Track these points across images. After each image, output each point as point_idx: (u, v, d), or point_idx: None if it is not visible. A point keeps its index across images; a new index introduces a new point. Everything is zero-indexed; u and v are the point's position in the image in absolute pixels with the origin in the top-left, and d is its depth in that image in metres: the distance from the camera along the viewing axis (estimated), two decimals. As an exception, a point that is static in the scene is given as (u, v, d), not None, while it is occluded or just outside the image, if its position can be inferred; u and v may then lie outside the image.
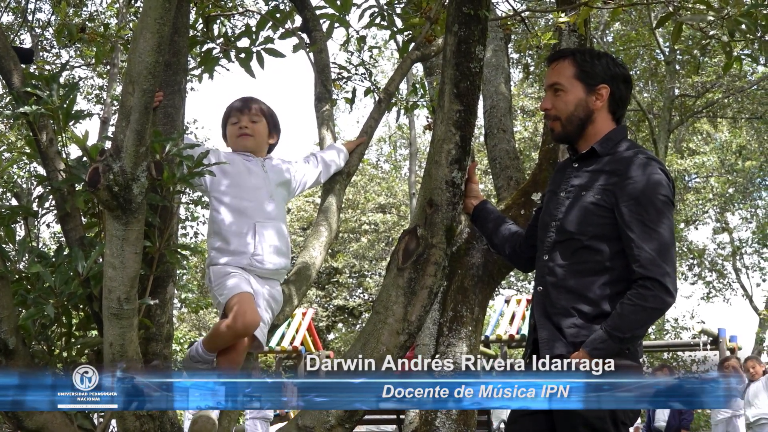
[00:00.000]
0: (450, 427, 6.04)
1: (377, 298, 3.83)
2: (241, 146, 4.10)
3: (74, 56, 23.51)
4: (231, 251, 3.86)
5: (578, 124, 3.69)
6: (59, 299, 3.43)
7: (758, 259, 37.80)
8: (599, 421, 3.45)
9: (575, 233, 3.56)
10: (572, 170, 3.71)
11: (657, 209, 3.47)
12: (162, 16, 2.89)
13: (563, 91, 3.70)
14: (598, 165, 3.64)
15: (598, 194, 3.56)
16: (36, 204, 3.79)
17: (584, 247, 3.54)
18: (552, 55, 3.85)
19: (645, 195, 3.48)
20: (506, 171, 6.78)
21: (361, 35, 5.69)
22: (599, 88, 3.69)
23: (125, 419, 3.39)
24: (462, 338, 6.25)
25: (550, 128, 3.78)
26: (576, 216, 3.58)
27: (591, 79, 3.69)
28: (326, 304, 34.56)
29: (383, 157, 40.61)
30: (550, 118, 3.74)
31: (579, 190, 3.62)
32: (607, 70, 3.72)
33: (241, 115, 4.12)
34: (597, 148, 3.67)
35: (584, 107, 3.69)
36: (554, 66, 3.76)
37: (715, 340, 17.24)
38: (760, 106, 27.91)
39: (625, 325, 3.39)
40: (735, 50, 5.01)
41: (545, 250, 3.66)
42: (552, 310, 3.58)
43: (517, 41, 17.19)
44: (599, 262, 3.53)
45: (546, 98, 3.75)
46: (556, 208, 3.68)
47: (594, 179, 3.61)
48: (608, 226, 3.53)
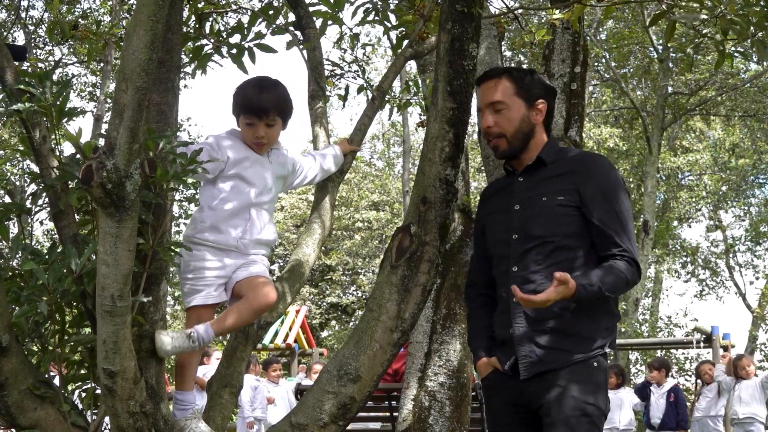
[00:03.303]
0: (443, 424, 6.05)
1: (371, 295, 3.83)
2: (257, 150, 4.02)
3: (67, 53, 23.49)
4: (221, 230, 3.84)
5: (522, 139, 3.82)
6: (52, 296, 3.43)
7: (751, 257, 37.91)
8: (590, 407, 3.57)
9: (546, 236, 3.67)
10: (520, 184, 3.82)
11: (621, 199, 3.69)
12: (155, 14, 2.88)
13: (506, 108, 3.80)
14: (548, 172, 3.79)
15: (560, 195, 3.70)
16: (29, 201, 3.78)
17: (558, 247, 3.66)
18: (485, 75, 3.90)
19: (606, 187, 3.69)
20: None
21: (354, 32, 5.69)
22: (538, 104, 3.85)
23: (118, 416, 3.38)
24: (455, 336, 6.26)
25: (494, 146, 3.84)
26: (543, 220, 3.69)
27: (530, 96, 3.83)
28: (320, 301, 34.56)
29: (377, 155, 40.63)
30: (494, 135, 3.81)
31: (537, 198, 3.74)
32: (542, 85, 3.90)
33: (258, 120, 3.96)
34: (544, 157, 3.80)
35: (527, 122, 3.82)
36: (491, 84, 3.83)
37: (708, 337, 17.24)
38: (753, 103, 27.96)
39: (612, 285, 3.57)
40: (727, 47, 5.02)
41: (513, 261, 3.72)
42: (536, 316, 3.61)
43: (511, 39, 17.22)
44: (574, 259, 3.66)
45: (485, 116, 3.82)
46: (510, 221, 3.76)
47: (551, 184, 3.74)
48: (576, 224, 3.68)
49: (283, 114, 4.04)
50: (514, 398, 3.69)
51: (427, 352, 6.25)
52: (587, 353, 3.60)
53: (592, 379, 3.60)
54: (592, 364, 3.61)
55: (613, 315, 3.73)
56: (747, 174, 34.16)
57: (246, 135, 3.99)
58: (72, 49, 22.74)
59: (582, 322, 3.62)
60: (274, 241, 4.04)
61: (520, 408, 3.68)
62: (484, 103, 3.82)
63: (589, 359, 3.61)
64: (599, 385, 3.63)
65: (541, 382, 3.60)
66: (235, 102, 4.07)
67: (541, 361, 3.60)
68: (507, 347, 3.72)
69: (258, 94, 4.00)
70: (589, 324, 3.64)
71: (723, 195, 35.27)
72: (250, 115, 3.96)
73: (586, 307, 3.61)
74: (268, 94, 4.00)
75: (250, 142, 3.99)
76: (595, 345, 3.63)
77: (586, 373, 3.60)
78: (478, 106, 3.89)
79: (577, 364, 3.59)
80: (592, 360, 3.62)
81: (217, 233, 3.84)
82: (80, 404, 3.77)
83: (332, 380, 3.72)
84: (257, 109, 3.96)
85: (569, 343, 3.60)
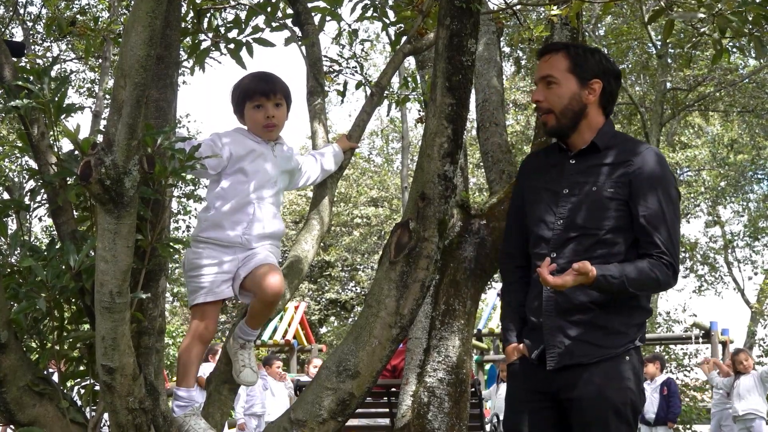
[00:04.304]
0: (442, 420, 6.04)
1: (369, 291, 3.83)
2: (266, 137, 4.04)
3: (66, 50, 23.49)
4: (223, 227, 3.85)
5: (572, 118, 3.71)
6: (51, 293, 3.43)
7: (750, 253, 37.96)
8: (623, 407, 3.53)
9: (591, 228, 3.58)
10: (571, 166, 3.72)
11: (670, 201, 3.59)
12: (154, 9, 2.88)
13: (556, 84, 3.71)
14: (601, 159, 3.69)
15: (611, 187, 3.61)
16: (28, 198, 3.78)
17: (600, 241, 3.56)
18: (544, 48, 3.85)
19: (660, 187, 3.59)
20: (498, 164, 6.77)
21: (353, 28, 5.68)
22: (592, 83, 3.73)
23: (117, 413, 3.38)
24: (454, 332, 6.26)
25: (543, 121, 3.79)
26: (590, 211, 3.61)
27: (584, 74, 3.73)
28: (318, 297, 34.58)
29: (375, 151, 40.63)
30: (543, 110, 3.74)
31: (588, 185, 3.65)
32: (600, 65, 3.76)
33: (267, 100, 4.01)
34: (597, 142, 3.69)
35: (578, 101, 3.71)
36: (546, 58, 3.77)
37: (707, 333, 17.27)
38: (751, 99, 27.98)
39: (638, 283, 3.49)
40: (725, 44, 5.02)
41: (552, 247, 3.66)
42: (568, 306, 3.57)
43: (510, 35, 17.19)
44: (615, 255, 3.57)
45: (538, 90, 3.76)
46: (556, 204, 3.68)
47: (602, 173, 3.65)
48: (623, 219, 3.59)
49: (287, 97, 4.11)
50: (541, 386, 3.65)
51: (426, 348, 6.24)
52: (618, 348, 3.55)
53: (625, 375, 3.55)
54: (624, 359, 3.57)
55: (644, 310, 3.67)
56: (745, 169, 34.18)
57: (255, 120, 4.01)
58: (70, 45, 22.74)
59: (613, 316, 3.57)
60: (281, 233, 4.04)
61: (545, 396, 3.64)
62: (538, 76, 3.77)
63: (621, 355, 3.56)
64: (633, 381, 3.57)
65: (571, 375, 3.56)
66: (236, 95, 4.10)
67: (571, 353, 3.55)
68: (537, 334, 3.67)
69: (262, 79, 4.08)
70: (619, 318, 3.58)
71: (721, 190, 35.28)
72: (258, 97, 4.01)
73: (618, 303, 3.56)
74: (273, 79, 4.09)
75: (261, 125, 4.02)
76: (627, 340, 3.58)
77: (620, 370, 3.55)
78: (535, 80, 3.85)
79: (609, 360, 3.54)
80: (624, 355, 3.57)
81: (220, 230, 3.85)
82: (79, 401, 3.77)
83: (331, 376, 3.72)
84: (264, 90, 4.02)
85: (600, 336, 3.55)
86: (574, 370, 3.55)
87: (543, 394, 3.64)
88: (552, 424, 3.66)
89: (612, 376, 3.53)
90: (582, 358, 3.54)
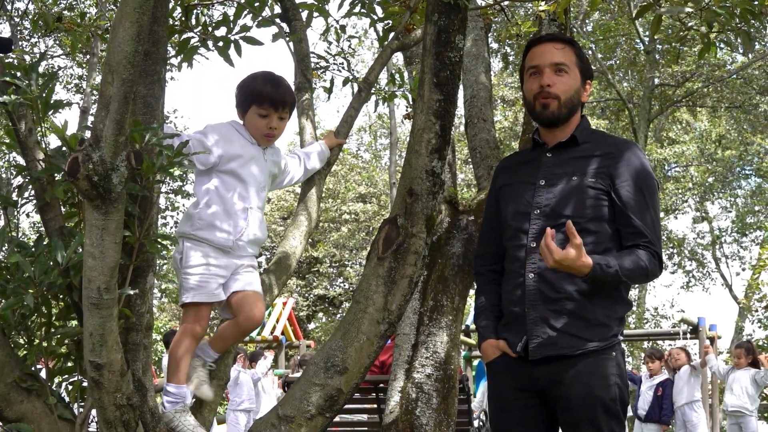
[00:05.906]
0: (430, 416, 6.05)
1: (357, 287, 3.83)
2: (263, 143, 4.04)
3: (53, 46, 23.42)
4: (216, 230, 3.85)
5: (570, 109, 3.75)
6: (39, 289, 3.42)
7: (738, 249, 38.09)
8: (612, 403, 3.53)
9: (573, 217, 3.56)
10: (548, 159, 3.74)
11: (652, 191, 3.65)
12: (141, 5, 2.88)
13: (567, 74, 3.73)
14: (579, 152, 3.72)
15: (592, 177, 3.63)
16: (15, 194, 3.77)
17: (583, 229, 3.55)
18: (553, 36, 3.86)
19: (641, 178, 3.63)
20: (486, 160, 6.78)
21: (340, 24, 5.68)
22: (588, 83, 3.82)
23: (105, 409, 3.38)
24: (442, 327, 6.27)
25: (544, 104, 3.73)
26: (571, 200, 3.62)
27: (586, 72, 3.81)
28: (306, 293, 34.56)
29: (363, 147, 40.62)
30: (551, 95, 3.71)
31: (567, 176, 3.67)
32: (591, 69, 3.84)
33: (274, 111, 4.00)
34: (578, 136, 3.72)
35: (578, 96, 3.77)
36: (560, 47, 3.76)
37: (694, 329, 17.28)
38: (739, 95, 28.09)
39: (630, 273, 3.52)
40: (712, 38, 5.04)
41: (531, 237, 3.65)
42: (552, 296, 3.58)
43: (497, 31, 17.22)
44: (599, 243, 3.58)
45: (547, 75, 3.71)
46: (533, 195, 3.69)
47: (582, 165, 3.67)
48: (604, 208, 3.61)
49: (292, 109, 4.13)
50: (524, 384, 3.63)
51: (414, 344, 6.25)
52: (602, 342, 3.54)
53: (612, 372, 3.55)
54: (610, 355, 3.57)
55: (625, 303, 3.68)
56: (733, 165, 34.31)
57: (257, 126, 4.00)
58: (58, 41, 22.68)
59: (597, 308, 3.56)
60: (264, 239, 4.05)
61: (532, 394, 3.62)
62: (547, 62, 3.73)
63: (606, 348, 3.55)
64: (619, 376, 3.57)
65: (555, 369, 3.55)
66: (244, 93, 4.06)
67: (555, 343, 3.54)
68: (517, 325, 3.65)
69: (276, 87, 4.04)
70: (603, 311, 3.58)
71: (709, 186, 35.39)
72: (266, 107, 3.99)
73: (601, 294, 3.56)
74: (285, 89, 4.07)
75: (261, 133, 4.01)
76: (610, 333, 3.58)
77: (606, 366, 3.54)
78: (532, 65, 3.79)
79: (594, 355, 3.54)
80: (611, 351, 3.57)
81: (213, 232, 3.84)
82: (67, 397, 3.76)
83: (319, 372, 3.72)
84: (276, 101, 4.00)
85: (583, 328, 3.54)
86: (558, 364, 3.54)
87: (530, 392, 3.62)
88: (540, 421, 3.66)
89: (599, 374, 3.52)
90: (566, 350, 3.52)
